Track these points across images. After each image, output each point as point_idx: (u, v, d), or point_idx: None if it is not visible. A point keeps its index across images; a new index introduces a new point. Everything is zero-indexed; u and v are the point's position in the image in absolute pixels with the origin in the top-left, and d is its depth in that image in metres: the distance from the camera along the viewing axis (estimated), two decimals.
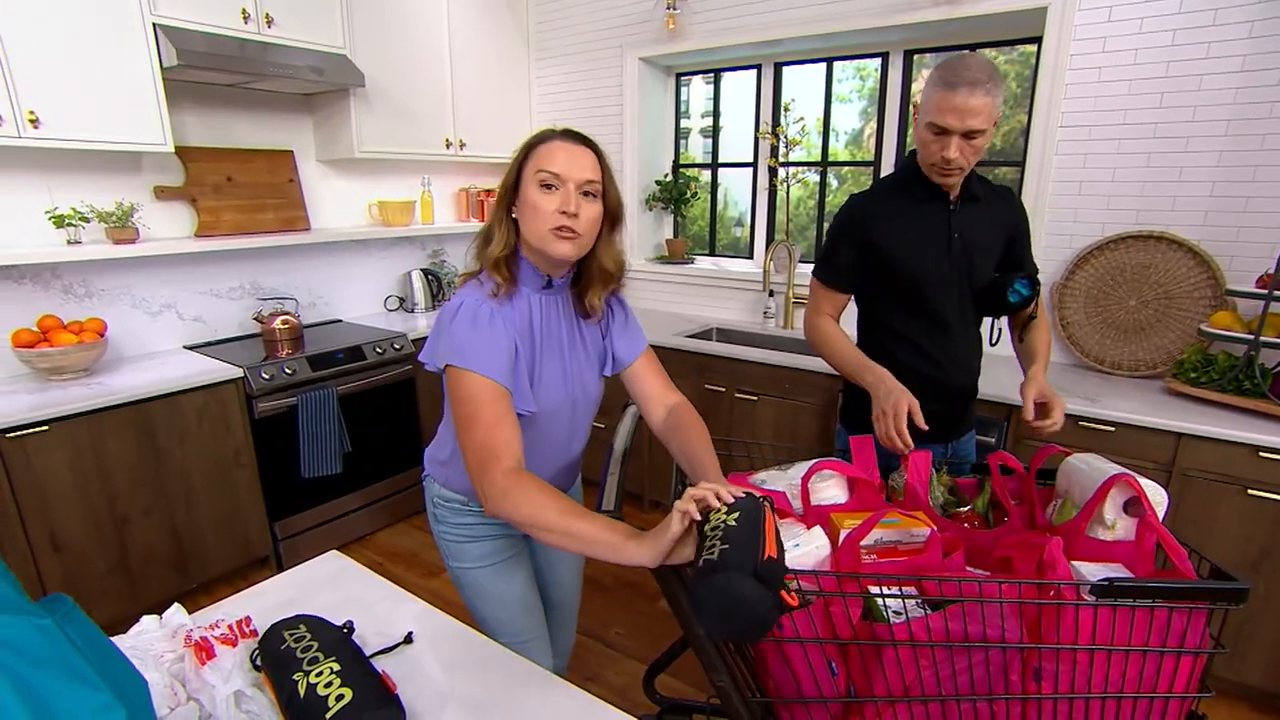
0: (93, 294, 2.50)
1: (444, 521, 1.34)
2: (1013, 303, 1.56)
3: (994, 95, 1.35)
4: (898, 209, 1.54)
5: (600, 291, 1.22)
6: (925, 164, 1.46)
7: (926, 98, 1.41)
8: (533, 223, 1.10)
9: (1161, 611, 0.99)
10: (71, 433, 2.05)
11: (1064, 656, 1.01)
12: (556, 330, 1.21)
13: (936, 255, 1.53)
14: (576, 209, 1.08)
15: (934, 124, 1.38)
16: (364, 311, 3.42)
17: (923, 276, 1.54)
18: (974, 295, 1.59)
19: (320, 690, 0.78)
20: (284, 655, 0.83)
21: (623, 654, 2.22)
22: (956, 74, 1.34)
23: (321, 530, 2.75)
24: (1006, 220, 1.59)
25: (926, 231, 1.53)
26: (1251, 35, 2.06)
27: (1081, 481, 1.25)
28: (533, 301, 1.18)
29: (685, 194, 3.54)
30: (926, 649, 1.01)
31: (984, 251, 1.57)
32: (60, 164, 2.35)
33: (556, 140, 1.11)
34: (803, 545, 1.11)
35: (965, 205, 1.54)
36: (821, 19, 2.78)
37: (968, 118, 1.34)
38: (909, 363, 1.59)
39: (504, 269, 1.14)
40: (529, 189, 1.10)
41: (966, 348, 1.64)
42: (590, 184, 1.10)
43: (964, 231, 1.54)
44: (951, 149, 1.37)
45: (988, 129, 1.37)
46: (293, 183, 3.01)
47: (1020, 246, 1.63)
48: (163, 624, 0.94)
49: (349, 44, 2.81)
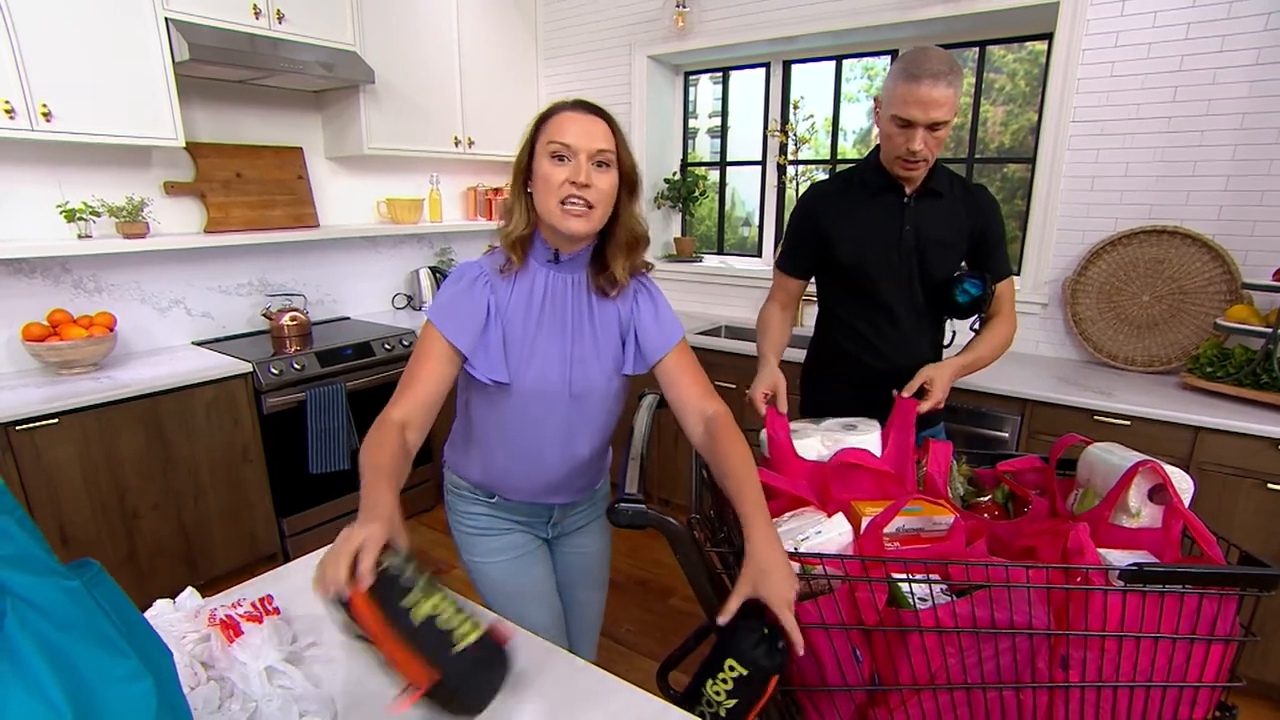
0: (103, 289, 2.50)
1: (455, 510, 1.32)
2: (961, 302, 1.55)
3: (955, 86, 1.36)
4: (852, 201, 1.55)
5: (623, 261, 1.17)
6: (889, 158, 1.47)
7: (889, 91, 1.41)
8: (544, 196, 1.07)
9: (1191, 598, 0.97)
10: (81, 426, 2.04)
11: (1092, 644, 0.99)
12: (562, 310, 1.16)
13: (885, 248, 1.53)
14: (589, 179, 1.05)
15: (898, 116, 1.38)
16: (372, 309, 3.42)
17: (871, 268, 1.54)
18: (929, 291, 1.58)
19: (442, 623, 0.70)
20: (386, 576, 0.72)
21: (633, 650, 2.20)
22: (919, 66, 1.35)
23: (329, 527, 2.73)
24: (971, 218, 1.55)
25: (877, 224, 1.53)
26: (1266, 28, 2.05)
27: (1104, 470, 1.23)
28: (538, 276, 1.15)
29: (694, 193, 3.53)
30: (953, 635, 0.99)
31: (939, 247, 1.54)
32: (71, 158, 2.35)
33: (568, 111, 1.09)
34: (825, 531, 1.10)
35: (922, 200, 1.53)
36: (832, 15, 2.77)
37: (931, 109, 1.35)
38: (854, 353, 1.62)
39: (520, 248, 1.13)
40: (541, 161, 1.08)
41: (921, 341, 1.62)
42: (603, 153, 1.07)
43: (918, 225, 1.52)
44: (916, 141, 1.38)
45: (950, 120, 1.38)
46: (301, 179, 3.01)
47: (987, 246, 1.58)
48: (177, 606, 0.93)
49: (359, 40, 2.81)
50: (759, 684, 0.90)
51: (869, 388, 1.45)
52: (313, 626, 0.94)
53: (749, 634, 0.92)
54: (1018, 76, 2.90)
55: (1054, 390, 2.10)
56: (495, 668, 0.74)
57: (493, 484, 1.26)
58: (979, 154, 2.83)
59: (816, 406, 1.70)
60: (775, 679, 0.90)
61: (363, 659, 0.88)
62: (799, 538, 1.08)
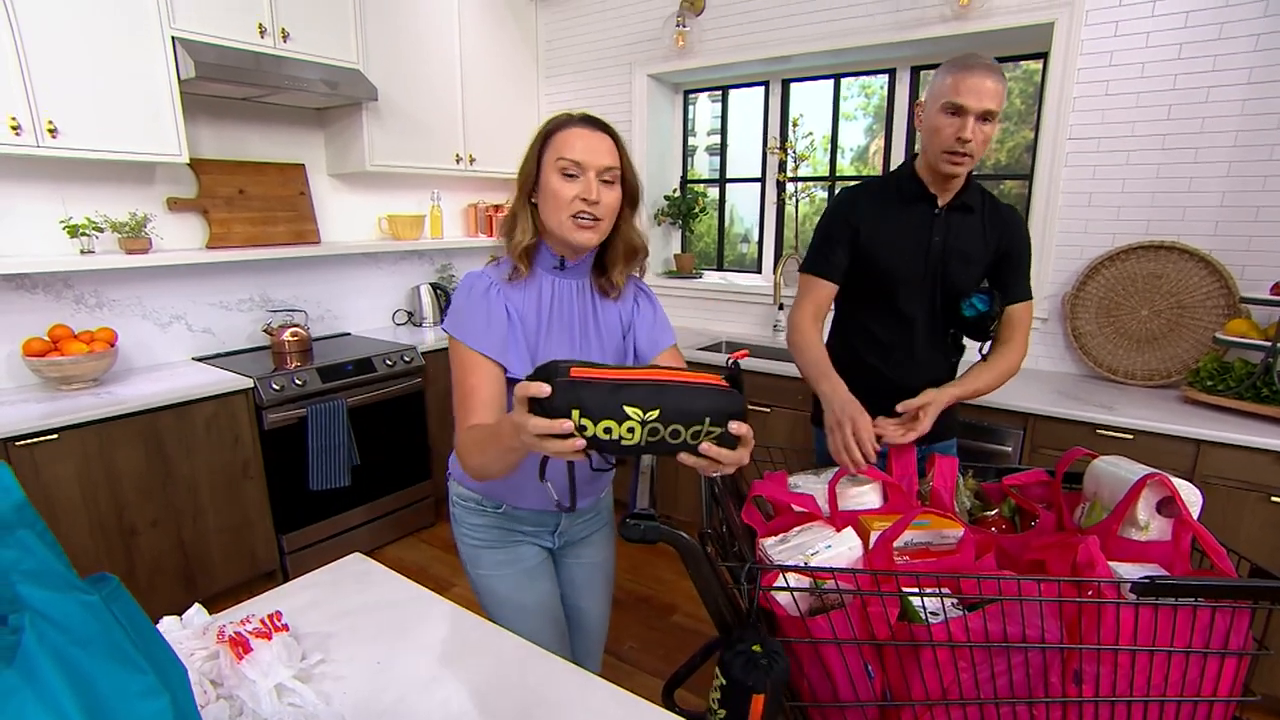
0: (104, 304, 2.50)
1: (461, 522, 1.31)
2: (967, 316, 1.54)
3: (1003, 84, 1.38)
4: (884, 206, 1.55)
5: (623, 269, 1.22)
6: (937, 152, 1.44)
7: (938, 85, 1.42)
8: (554, 210, 1.10)
9: (1204, 612, 0.97)
10: (81, 442, 2.03)
11: (1104, 658, 0.99)
12: (569, 313, 1.20)
13: (913, 256, 1.53)
14: (598, 196, 1.09)
15: (950, 103, 1.38)
16: (372, 325, 3.42)
17: (896, 275, 1.54)
18: (947, 304, 1.57)
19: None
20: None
21: (636, 668, 2.18)
22: (970, 59, 1.39)
23: (329, 544, 2.71)
24: (999, 236, 1.55)
25: (907, 232, 1.53)
26: (1257, 49, 2.08)
27: (1111, 483, 1.23)
28: (545, 282, 1.18)
29: (693, 209, 3.56)
30: (965, 650, 0.99)
31: (963, 260, 1.53)
32: (75, 174, 2.36)
33: (575, 127, 1.12)
34: (835, 546, 1.09)
35: (953, 212, 1.53)
36: (831, 35, 2.81)
37: (984, 98, 1.36)
38: (872, 363, 1.61)
39: (527, 258, 1.15)
40: (549, 176, 1.10)
41: (937, 354, 1.62)
42: (609, 170, 1.11)
43: (946, 236, 1.53)
44: (968, 128, 1.38)
45: (997, 115, 1.39)
46: (304, 196, 3.02)
47: (1009, 267, 1.56)
48: (184, 623, 0.92)
49: (362, 58, 2.84)
50: (741, 699, 0.88)
51: (883, 396, 1.42)
52: (322, 643, 0.93)
53: (735, 645, 0.92)
54: (1012, 95, 2.94)
55: (1056, 405, 2.10)
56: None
57: (501, 492, 1.26)
58: (977, 171, 2.85)
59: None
60: (760, 699, 0.88)
61: (377, 669, 0.88)
62: (809, 552, 1.08)
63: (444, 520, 3.23)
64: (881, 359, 1.61)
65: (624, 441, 0.76)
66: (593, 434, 0.74)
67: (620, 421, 0.74)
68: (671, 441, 0.78)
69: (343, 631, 0.97)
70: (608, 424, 0.74)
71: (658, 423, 0.76)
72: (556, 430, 0.73)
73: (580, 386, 0.74)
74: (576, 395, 0.74)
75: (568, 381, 0.74)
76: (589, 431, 0.74)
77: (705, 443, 0.80)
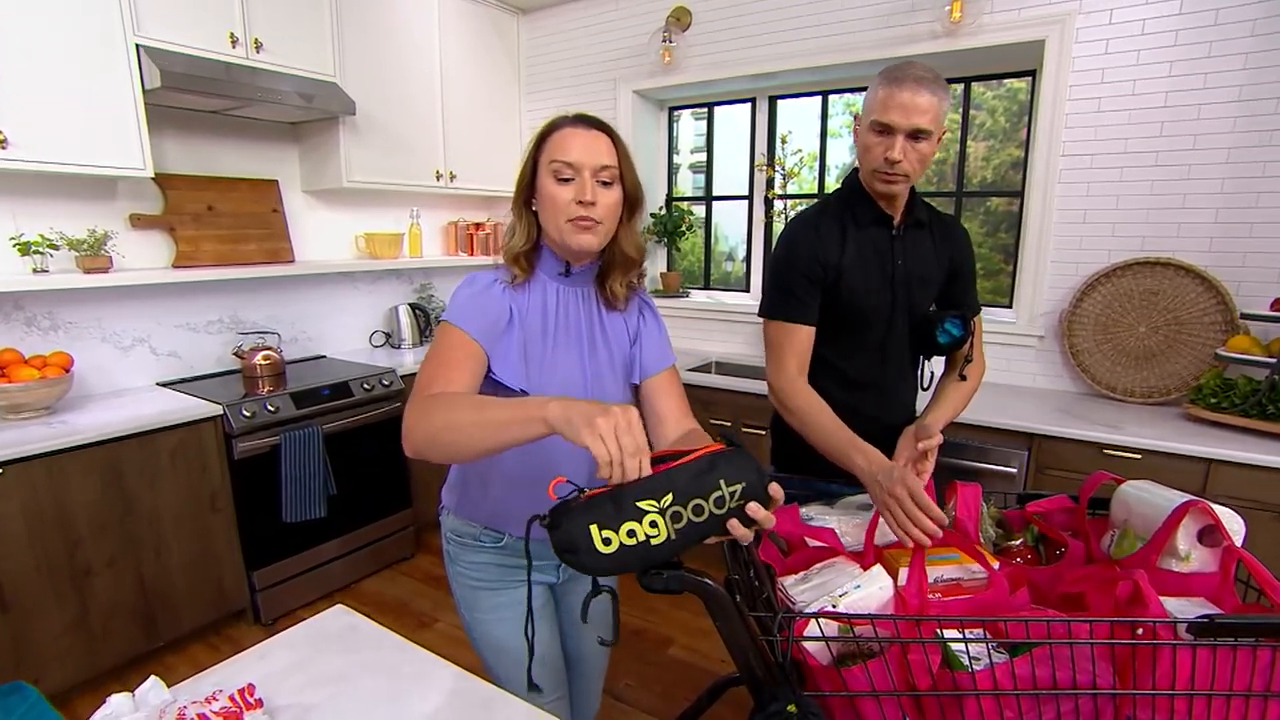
0: (59, 326, 2.34)
1: (457, 561, 1.21)
2: (942, 343, 1.45)
3: (940, 97, 1.27)
4: (842, 232, 1.40)
5: (621, 278, 1.17)
6: (867, 171, 1.35)
7: (869, 99, 1.32)
8: (551, 215, 1.06)
9: (1264, 652, 0.91)
10: (29, 476, 1.87)
11: (1160, 704, 0.91)
12: (576, 323, 1.15)
13: (880, 283, 1.41)
14: (594, 198, 1.04)
15: (877, 121, 1.28)
16: (349, 347, 3.28)
17: (866, 305, 1.41)
18: (912, 329, 1.48)
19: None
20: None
21: (633, 707, 2.07)
22: (901, 71, 1.27)
23: (303, 579, 2.55)
24: (949, 253, 1.47)
25: (870, 257, 1.41)
26: (1246, 67, 2.09)
27: (1144, 510, 1.17)
28: (549, 289, 1.14)
29: (680, 227, 3.50)
30: (1011, 699, 0.91)
31: (923, 283, 1.45)
32: (28, 188, 2.22)
33: (569, 127, 1.07)
34: (865, 586, 1.01)
35: (909, 231, 1.43)
36: (819, 52, 2.79)
37: (913, 114, 1.25)
38: (847, 401, 1.41)
39: (523, 262, 1.12)
40: (545, 180, 1.06)
41: (906, 384, 1.53)
42: (607, 170, 1.06)
43: (906, 259, 1.43)
44: (895, 149, 1.27)
45: (934, 133, 1.28)
46: (277, 213, 2.89)
47: (961, 283, 1.50)
48: (137, 703, 0.78)
49: (339, 71, 2.74)
50: None
51: (866, 436, 1.27)
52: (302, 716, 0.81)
53: (768, 707, 0.84)
54: (997, 113, 2.95)
55: (1059, 424, 2.06)
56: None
57: (505, 520, 1.16)
58: (967, 188, 2.84)
59: (789, 459, 1.52)
60: None
61: None
62: (837, 593, 0.99)
63: (425, 551, 3.08)
64: (856, 396, 1.46)
65: (653, 541, 0.76)
66: (619, 544, 0.75)
67: (639, 519, 0.75)
68: (697, 520, 0.77)
69: (325, 704, 0.84)
70: (630, 526, 0.75)
71: (677, 505, 0.76)
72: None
73: (588, 508, 0.76)
74: (588, 517, 0.75)
75: (576, 510, 0.76)
76: (613, 544, 0.75)
77: (733, 506, 0.78)
